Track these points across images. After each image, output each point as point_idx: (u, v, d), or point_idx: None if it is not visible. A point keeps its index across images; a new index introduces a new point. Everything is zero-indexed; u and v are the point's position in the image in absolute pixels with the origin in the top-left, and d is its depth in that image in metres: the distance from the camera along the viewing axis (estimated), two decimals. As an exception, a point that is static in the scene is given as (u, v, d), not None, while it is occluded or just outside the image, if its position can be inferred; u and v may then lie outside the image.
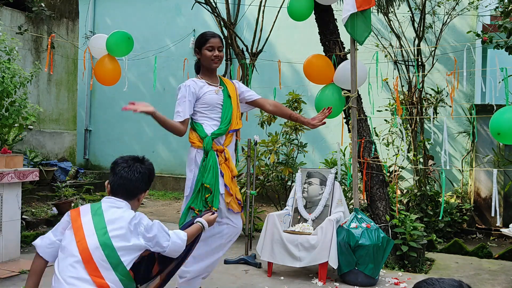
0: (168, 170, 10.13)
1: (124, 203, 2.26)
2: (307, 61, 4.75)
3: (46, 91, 7.92)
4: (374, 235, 4.09)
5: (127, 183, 2.29)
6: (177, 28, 10.06)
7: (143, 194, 2.35)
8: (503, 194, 6.50)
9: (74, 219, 2.20)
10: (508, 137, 3.43)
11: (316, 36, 5.25)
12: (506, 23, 4.88)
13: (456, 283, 1.52)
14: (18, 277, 4.11)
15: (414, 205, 6.23)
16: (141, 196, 2.34)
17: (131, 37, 4.63)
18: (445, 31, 7.04)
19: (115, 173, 2.33)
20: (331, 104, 4.65)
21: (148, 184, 2.37)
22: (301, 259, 4.19)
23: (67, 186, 6.73)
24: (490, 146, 6.59)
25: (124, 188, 2.29)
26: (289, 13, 4.77)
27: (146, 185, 2.35)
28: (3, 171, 4.39)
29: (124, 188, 2.29)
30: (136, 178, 2.30)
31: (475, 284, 4.27)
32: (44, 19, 7.59)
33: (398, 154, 7.00)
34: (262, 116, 6.31)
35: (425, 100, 7.03)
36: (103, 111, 10.99)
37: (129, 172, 2.30)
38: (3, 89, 4.65)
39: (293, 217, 4.70)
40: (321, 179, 4.73)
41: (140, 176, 2.31)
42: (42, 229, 5.60)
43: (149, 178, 2.36)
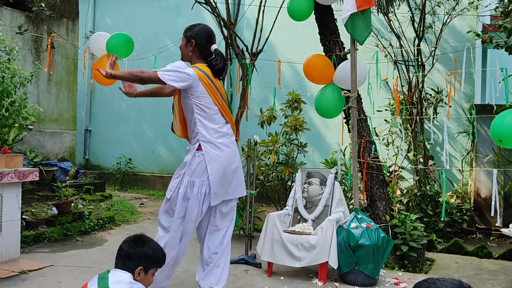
0: (168, 170, 10.13)
1: (128, 274, 2.39)
2: (307, 61, 4.75)
3: (46, 91, 7.92)
4: (374, 235, 4.09)
5: (118, 261, 2.44)
6: (177, 28, 10.05)
7: (136, 270, 2.42)
8: (503, 194, 6.50)
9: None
10: (510, 142, 3.42)
11: (316, 36, 5.25)
12: (506, 23, 4.88)
13: (456, 283, 1.52)
14: (18, 277, 4.11)
15: (414, 205, 6.23)
16: (136, 272, 2.41)
17: (132, 40, 4.61)
18: (445, 31, 7.04)
19: (117, 250, 2.50)
20: (331, 104, 4.66)
21: (137, 261, 2.43)
22: (301, 259, 4.19)
23: (67, 186, 6.73)
24: (490, 146, 6.59)
25: (117, 265, 2.44)
26: (289, 13, 4.77)
27: (135, 263, 2.42)
28: (3, 171, 4.40)
29: (117, 265, 2.44)
30: (123, 256, 2.43)
31: (475, 284, 4.27)
32: (44, 19, 7.58)
33: (398, 154, 7.00)
34: (262, 116, 6.31)
35: (425, 100, 7.03)
36: (103, 111, 10.99)
37: (120, 251, 2.46)
38: (3, 89, 4.65)
39: (293, 217, 4.70)
40: (321, 179, 4.73)
41: (127, 254, 2.43)
42: (42, 229, 5.60)
43: (138, 256, 2.43)
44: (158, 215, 3.32)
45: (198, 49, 3.30)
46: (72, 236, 5.74)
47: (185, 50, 3.34)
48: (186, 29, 3.36)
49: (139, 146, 10.40)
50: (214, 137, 3.18)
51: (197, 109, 3.16)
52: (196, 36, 3.30)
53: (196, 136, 3.18)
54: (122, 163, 10.21)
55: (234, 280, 4.21)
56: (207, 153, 3.14)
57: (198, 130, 3.17)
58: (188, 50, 3.32)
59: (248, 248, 5.05)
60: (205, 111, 3.18)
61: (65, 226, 5.75)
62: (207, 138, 3.16)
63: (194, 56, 3.32)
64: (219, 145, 3.18)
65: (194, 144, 3.20)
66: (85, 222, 5.98)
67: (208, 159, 3.13)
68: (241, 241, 5.48)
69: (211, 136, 3.17)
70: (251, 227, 5.17)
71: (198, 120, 3.17)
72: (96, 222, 6.12)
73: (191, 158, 3.17)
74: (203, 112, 3.17)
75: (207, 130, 3.17)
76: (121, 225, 6.51)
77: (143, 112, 10.37)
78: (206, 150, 3.14)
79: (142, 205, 8.23)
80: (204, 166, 3.13)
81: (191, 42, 3.29)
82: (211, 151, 3.15)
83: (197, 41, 3.29)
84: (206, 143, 3.15)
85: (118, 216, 6.77)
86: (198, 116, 3.17)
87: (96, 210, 6.65)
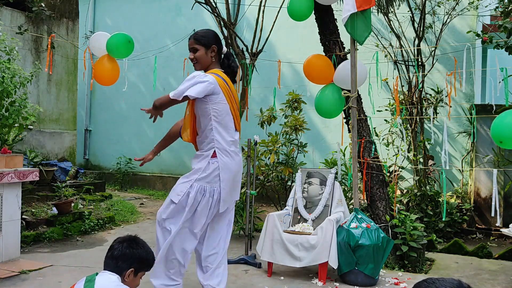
0: (168, 170, 10.13)
1: (115, 276, 2.36)
2: (307, 61, 4.75)
3: (46, 91, 7.92)
4: (374, 235, 4.09)
5: (109, 261, 2.42)
6: (177, 28, 10.06)
7: (126, 272, 2.40)
8: (503, 194, 6.50)
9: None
10: (511, 143, 3.41)
11: (316, 36, 5.25)
12: (506, 23, 4.88)
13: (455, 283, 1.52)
14: (18, 277, 4.11)
15: (414, 205, 6.23)
16: (125, 274, 2.40)
17: (132, 40, 4.61)
18: (445, 31, 7.04)
19: (107, 251, 2.47)
20: (331, 104, 4.65)
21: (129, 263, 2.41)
22: (301, 259, 4.19)
23: (67, 186, 6.73)
24: (490, 146, 6.59)
25: (108, 265, 2.41)
26: (289, 13, 4.77)
27: (127, 264, 2.41)
28: (3, 171, 4.39)
29: (107, 265, 2.41)
30: (114, 257, 2.41)
31: (475, 284, 4.27)
32: (44, 19, 7.58)
33: (398, 154, 7.00)
34: (262, 116, 6.31)
35: (425, 100, 7.03)
36: (103, 111, 10.99)
37: (113, 251, 2.43)
38: (3, 89, 4.65)
39: (293, 217, 4.70)
40: (321, 179, 4.73)
41: (120, 255, 2.40)
42: (42, 229, 5.60)
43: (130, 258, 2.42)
44: (160, 218, 3.27)
45: (217, 54, 3.30)
46: (72, 236, 5.74)
47: (205, 57, 3.27)
48: (199, 37, 3.26)
49: (139, 146, 10.39)
50: (228, 145, 3.18)
51: (214, 116, 3.14)
52: (215, 41, 3.28)
53: (211, 142, 3.16)
54: (122, 163, 10.21)
55: (234, 280, 4.21)
56: (221, 161, 3.14)
57: (214, 137, 3.15)
58: (209, 56, 3.27)
59: (248, 248, 5.05)
60: (222, 118, 3.17)
61: (65, 226, 5.75)
62: (222, 146, 3.16)
63: (214, 61, 3.30)
64: (231, 153, 3.20)
65: (208, 150, 3.17)
66: (85, 222, 5.98)
67: (221, 166, 3.14)
68: (241, 241, 5.48)
69: (226, 143, 3.17)
70: (251, 227, 5.17)
71: (214, 127, 3.15)
72: (96, 222, 6.12)
73: (206, 165, 3.14)
74: (220, 119, 3.16)
75: (223, 137, 3.17)
76: (121, 225, 6.51)
77: (143, 112, 10.34)
78: (221, 158, 3.14)
79: (142, 205, 8.23)
80: (217, 173, 3.14)
81: (213, 48, 3.26)
82: (225, 159, 3.16)
83: (217, 45, 3.28)
84: (221, 151, 3.15)
85: (118, 216, 6.77)
86: (215, 123, 3.15)
87: (96, 210, 6.65)
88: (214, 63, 3.30)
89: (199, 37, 3.26)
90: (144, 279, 2.64)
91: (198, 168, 3.16)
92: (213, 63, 3.29)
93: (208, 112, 3.14)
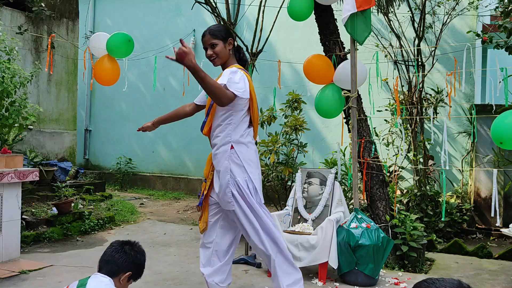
0: (168, 170, 10.13)
1: (107, 279, 2.35)
2: (307, 61, 4.75)
3: (46, 91, 7.92)
4: (374, 235, 4.09)
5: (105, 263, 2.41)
6: (177, 28, 10.06)
7: (124, 275, 2.40)
8: (503, 194, 6.50)
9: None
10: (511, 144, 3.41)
11: (316, 36, 5.25)
12: (506, 23, 4.88)
13: (455, 283, 1.52)
14: (18, 277, 4.11)
15: (414, 205, 6.23)
16: (122, 276, 2.39)
17: (132, 39, 4.62)
18: (445, 31, 7.04)
19: (104, 252, 2.46)
20: (331, 104, 4.65)
21: (125, 267, 2.40)
22: (301, 259, 4.19)
23: (67, 186, 6.73)
24: (490, 146, 6.59)
25: (106, 265, 2.40)
26: (289, 13, 4.77)
27: (123, 268, 2.40)
28: (3, 171, 4.39)
29: (106, 266, 2.40)
30: (111, 259, 2.40)
31: (475, 284, 4.27)
32: (44, 19, 7.58)
33: (398, 154, 7.00)
34: (262, 116, 6.31)
35: (425, 100, 7.03)
36: (103, 111, 10.99)
37: (113, 252, 2.42)
38: (3, 89, 4.65)
39: (293, 217, 4.70)
40: (321, 179, 4.73)
41: (121, 258, 2.40)
42: (42, 229, 5.60)
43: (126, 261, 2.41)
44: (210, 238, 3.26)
45: (233, 47, 3.26)
46: (72, 236, 5.74)
47: (225, 51, 3.20)
48: (215, 31, 3.18)
49: (139, 146, 10.39)
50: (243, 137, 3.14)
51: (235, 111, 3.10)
52: (230, 34, 3.23)
53: (227, 137, 3.11)
54: (122, 163, 10.22)
55: (234, 280, 4.21)
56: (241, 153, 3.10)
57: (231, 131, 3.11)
58: (228, 50, 3.21)
59: (248, 248, 5.05)
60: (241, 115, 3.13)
61: (65, 226, 5.75)
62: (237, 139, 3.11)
63: (232, 56, 3.25)
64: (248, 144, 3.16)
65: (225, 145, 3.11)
66: (85, 222, 5.98)
67: (242, 159, 3.10)
68: (241, 241, 5.46)
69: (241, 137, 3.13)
70: (251, 227, 5.16)
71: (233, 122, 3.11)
72: (96, 222, 6.12)
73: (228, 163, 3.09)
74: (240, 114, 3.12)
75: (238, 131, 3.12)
76: (121, 225, 6.51)
77: (143, 112, 10.36)
78: (240, 150, 3.10)
79: (142, 205, 8.23)
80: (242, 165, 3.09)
81: (229, 40, 3.21)
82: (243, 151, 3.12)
83: (233, 38, 3.24)
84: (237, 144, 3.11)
85: (118, 216, 6.77)
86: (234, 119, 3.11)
87: (96, 210, 6.65)
88: (232, 57, 3.25)
89: (215, 31, 3.19)
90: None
91: (224, 169, 3.10)
92: (230, 57, 3.24)
93: (229, 107, 3.08)
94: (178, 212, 7.74)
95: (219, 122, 3.14)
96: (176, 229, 6.38)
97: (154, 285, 4.04)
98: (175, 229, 6.37)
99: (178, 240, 5.76)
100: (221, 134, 3.13)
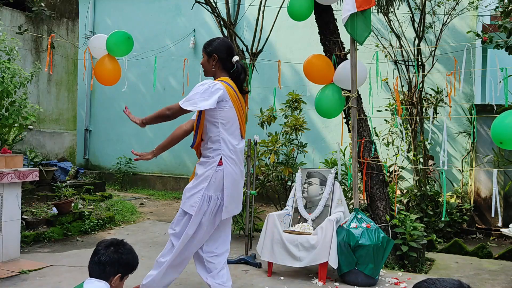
0: (168, 170, 10.13)
1: (103, 283, 2.34)
2: (307, 61, 4.75)
3: (46, 91, 7.92)
4: (374, 235, 4.09)
5: (96, 267, 2.38)
6: (177, 28, 10.06)
7: (114, 278, 2.38)
8: (503, 194, 6.50)
9: None
10: (511, 144, 3.42)
11: (316, 36, 5.25)
12: (506, 23, 4.88)
13: (455, 283, 1.52)
14: (18, 277, 4.11)
15: (414, 205, 6.23)
16: (113, 279, 2.37)
17: (131, 36, 4.62)
18: (445, 31, 7.04)
19: (91, 256, 2.43)
20: (331, 104, 4.65)
21: (117, 268, 2.38)
22: (301, 259, 4.19)
23: (67, 186, 6.73)
24: (490, 146, 6.59)
25: (94, 271, 2.38)
26: (289, 13, 4.77)
27: (114, 270, 2.38)
28: (3, 171, 4.39)
29: (94, 271, 2.38)
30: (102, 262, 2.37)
31: (475, 284, 4.27)
32: (44, 19, 7.58)
33: (398, 154, 7.00)
34: (262, 116, 6.31)
35: (425, 100, 7.03)
36: (103, 111, 10.99)
37: (99, 256, 2.38)
38: (3, 89, 4.65)
39: (293, 217, 4.70)
40: (321, 179, 4.73)
41: (107, 260, 2.37)
42: (42, 229, 5.60)
43: (118, 262, 2.39)
44: (172, 231, 3.30)
45: (221, 63, 3.32)
46: (72, 236, 5.74)
47: (208, 65, 3.34)
48: (205, 45, 3.36)
49: (139, 146, 10.39)
50: (232, 153, 3.20)
51: (222, 123, 3.18)
52: (217, 50, 3.30)
53: (218, 149, 3.17)
54: (122, 163, 10.22)
55: (234, 280, 4.21)
56: (226, 169, 3.16)
57: (221, 144, 3.17)
58: (211, 65, 3.32)
59: (248, 248, 5.05)
60: (230, 126, 3.20)
61: (65, 226, 5.74)
62: (228, 154, 3.18)
63: (218, 70, 3.33)
64: (236, 161, 3.23)
65: (215, 157, 3.17)
66: (85, 222, 5.98)
67: (225, 174, 3.16)
68: (241, 241, 5.48)
69: (230, 151, 3.19)
70: (251, 227, 5.17)
71: (222, 134, 3.17)
72: (96, 222, 6.12)
73: (213, 173, 3.15)
74: (227, 126, 3.19)
75: (228, 145, 3.19)
76: (121, 225, 6.51)
77: (143, 112, 10.33)
78: (226, 165, 3.16)
79: (142, 205, 8.23)
80: (222, 181, 3.16)
81: (213, 57, 3.30)
82: (230, 167, 3.18)
83: (219, 55, 3.30)
84: (227, 158, 3.17)
85: (118, 216, 6.77)
86: (222, 130, 3.18)
87: (96, 210, 6.65)
88: (220, 72, 3.33)
89: (205, 45, 3.37)
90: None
91: (206, 176, 3.16)
92: (218, 71, 3.33)
93: (216, 119, 3.17)
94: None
95: (209, 134, 3.22)
96: None
97: (154, 285, 4.04)
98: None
99: (178, 240, 5.76)
100: (213, 146, 3.20)
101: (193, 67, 8.26)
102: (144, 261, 4.76)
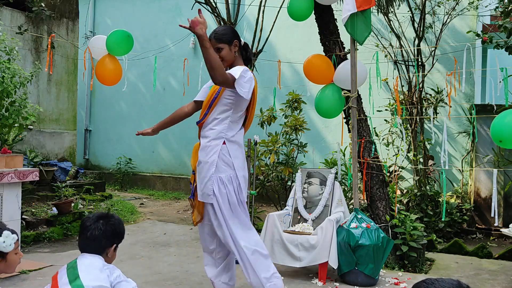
0: (168, 170, 10.13)
1: (97, 256, 2.34)
2: (307, 61, 4.75)
3: (46, 91, 7.92)
4: (374, 235, 4.09)
5: (90, 242, 2.37)
6: (177, 28, 10.04)
7: (110, 249, 2.38)
8: (503, 194, 6.50)
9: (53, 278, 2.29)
10: (510, 143, 3.42)
11: (316, 36, 5.25)
12: (506, 23, 4.88)
13: (454, 283, 1.52)
14: (18, 277, 4.11)
15: (414, 205, 6.23)
16: (109, 251, 2.38)
17: (131, 35, 4.62)
18: (445, 31, 7.04)
19: (80, 233, 2.41)
20: (331, 104, 4.66)
21: (112, 240, 2.39)
22: (301, 259, 4.19)
23: (67, 186, 6.73)
24: (490, 146, 6.59)
25: (89, 247, 2.37)
26: (289, 13, 4.77)
27: (110, 242, 2.38)
28: (3, 171, 4.40)
29: (89, 247, 2.37)
30: (97, 236, 2.36)
31: (475, 284, 4.27)
32: (44, 19, 7.58)
33: (398, 154, 7.00)
34: (262, 116, 6.31)
35: (425, 100, 7.03)
36: (103, 111, 10.99)
37: (91, 231, 2.37)
38: (3, 89, 4.65)
39: (293, 217, 4.70)
40: (321, 179, 4.73)
41: (101, 234, 2.36)
42: (42, 229, 5.60)
43: (112, 234, 2.40)
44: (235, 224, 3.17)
45: (239, 48, 3.27)
46: (72, 236, 5.74)
47: (230, 54, 3.21)
48: (220, 35, 3.19)
49: (139, 146, 10.39)
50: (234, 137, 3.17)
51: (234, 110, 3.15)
52: (234, 35, 3.23)
53: (221, 132, 3.12)
54: (122, 163, 10.22)
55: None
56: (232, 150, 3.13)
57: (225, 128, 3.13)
58: (233, 52, 3.22)
59: (248, 248, 5.04)
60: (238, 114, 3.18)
61: (65, 226, 5.75)
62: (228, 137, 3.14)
63: (238, 57, 3.27)
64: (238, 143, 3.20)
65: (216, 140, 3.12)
66: (85, 222, 5.97)
67: (232, 155, 3.12)
68: (241, 241, 5.47)
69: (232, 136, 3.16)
70: (251, 227, 5.16)
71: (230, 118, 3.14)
72: (96, 222, 6.11)
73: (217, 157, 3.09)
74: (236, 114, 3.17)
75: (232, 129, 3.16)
76: (121, 225, 6.50)
77: (143, 112, 10.37)
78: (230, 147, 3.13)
79: (142, 205, 8.23)
80: (231, 161, 3.11)
81: (235, 43, 3.22)
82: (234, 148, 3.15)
83: (238, 39, 3.24)
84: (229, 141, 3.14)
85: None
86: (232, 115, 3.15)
87: (96, 210, 6.65)
88: (238, 58, 3.26)
89: (220, 35, 3.19)
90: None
91: (211, 162, 3.10)
92: (237, 58, 3.26)
93: (231, 104, 3.13)
94: (178, 212, 7.74)
95: (216, 116, 3.16)
96: (176, 229, 6.38)
97: (154, 285, 4.04)
98: (175, 229, 6.37)
99: (178, 240, 5.76)
100: (216, 128, 3.14)
101: (193, 67, 8.26)
102: (144, 261, 4.77)
